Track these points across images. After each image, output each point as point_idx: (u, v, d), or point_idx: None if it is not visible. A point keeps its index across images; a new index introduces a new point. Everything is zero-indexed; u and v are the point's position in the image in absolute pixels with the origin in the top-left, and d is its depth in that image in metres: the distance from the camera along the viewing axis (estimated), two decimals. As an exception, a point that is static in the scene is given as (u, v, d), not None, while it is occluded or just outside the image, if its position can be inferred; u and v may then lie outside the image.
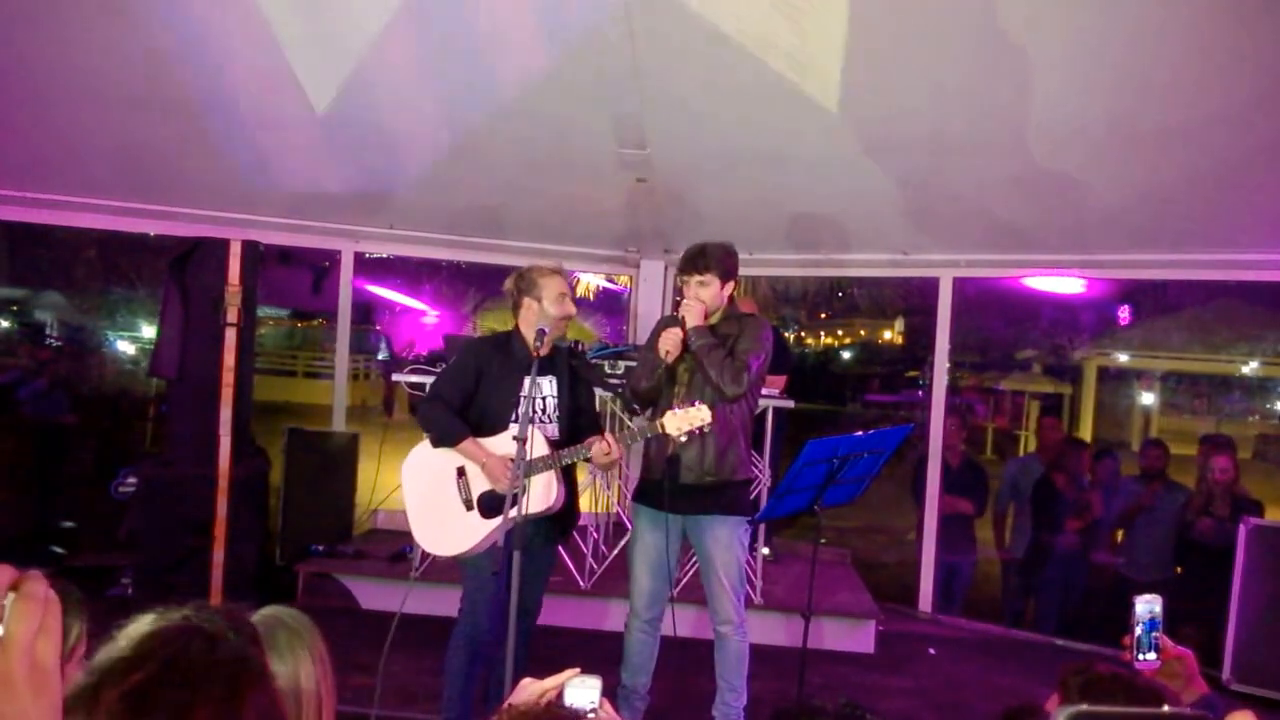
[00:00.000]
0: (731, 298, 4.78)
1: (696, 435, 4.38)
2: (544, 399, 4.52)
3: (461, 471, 4.46)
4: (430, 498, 4.50)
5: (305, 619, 1.93)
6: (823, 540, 4.51)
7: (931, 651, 6.68)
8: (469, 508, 4.44)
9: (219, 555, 6.00)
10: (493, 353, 4.59)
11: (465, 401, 4.53)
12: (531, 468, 4.22)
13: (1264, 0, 4.05)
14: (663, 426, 4.28)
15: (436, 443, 4.50)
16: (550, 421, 4.54)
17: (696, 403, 4.28)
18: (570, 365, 4.66)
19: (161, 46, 5.15)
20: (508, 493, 4.11)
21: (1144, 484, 7.45)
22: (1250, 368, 18.82)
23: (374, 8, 4.73)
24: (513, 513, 4.08)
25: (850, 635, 6.55)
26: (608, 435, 4.30)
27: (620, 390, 6.31)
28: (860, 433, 4.43)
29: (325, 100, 5.42)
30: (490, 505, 4.38)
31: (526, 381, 4.34)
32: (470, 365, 4.58)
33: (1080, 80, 4.80)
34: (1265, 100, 4.73)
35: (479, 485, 4.42)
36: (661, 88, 5.02)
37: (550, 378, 4.54)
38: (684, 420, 4.23)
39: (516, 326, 4.60)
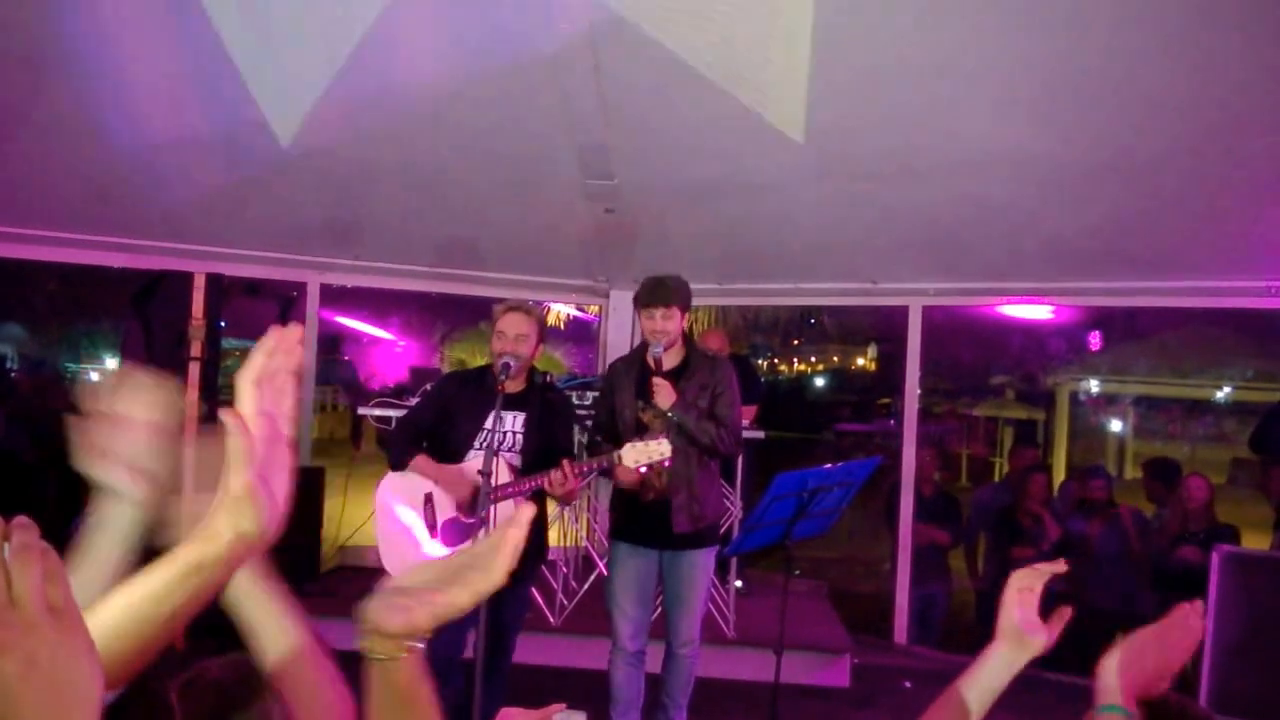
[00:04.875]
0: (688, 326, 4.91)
1: (681, 483, 4.61)
2: (508, 434, 4.47)
3: (429, 499, 4.47)
4: (398, 521, 4.52)
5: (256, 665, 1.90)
6: (796, 572, 4.47)
7: (907, 685, 6.60)
8: (433, 534, 4.45)
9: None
10: (462, 387, 4.68)
11: (427, 429, 4.59)
12: (495, 494, 4.24)
13: (1225, 32, 4.06)
14: (620, 459, 4.27)
15: (391, 465, 4.60)
16: (514, 453, 4.50)
17: (660, 437, 4.28)
18: (544, 399, 4.61)
19: (129, 80, 5.09)
20: (478, 513, 4.05)
21: (1087, 515, 7.45)
22: (1224, 392, 18.93)
23: (335, 40, 4.68)
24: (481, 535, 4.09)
25: (824, 669, 6.48)
26: (565, 465, 4.25)
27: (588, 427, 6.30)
28: (829, 465, 4.39)
29: (290, 134, 5.35)
30: (452, 532, 4.42)
31: (491, 416, 4.35)
32: (436, 396, 4.72)
33: (1043, 110, 4.80)
34: (1228, 129, 4.75)
35: (444, 513, 4.44)
36: (628, 118, 4.99)
37: (519, 413, 4.50)
38: (643, 453, 4.24)
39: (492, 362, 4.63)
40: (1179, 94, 4.52)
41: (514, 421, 4.50)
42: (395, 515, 4.52)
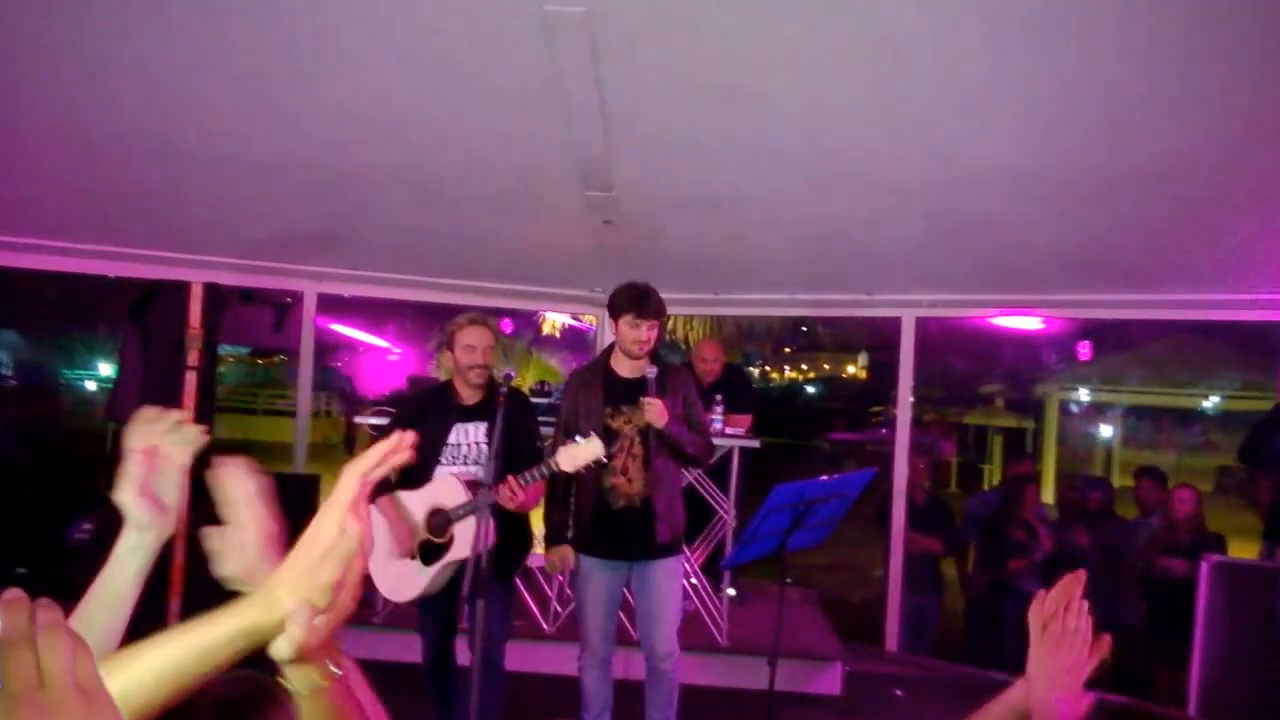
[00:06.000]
0: None
1: (662, 492, 4.73)
2: (472, 445, 4.65)
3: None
4: (384, 545, 4.62)
5: (269, 680, 1.93)
6: (789, 580, 4.51)
7: (898, 693, 6.64)
8: (412, 556, 4.59)
9: (175, 603, 5.91)
10: (425, 404, 4.87)
11: None
12: (453, 514, 4.46)
13: (1214, 46, 4.10)
14: (557, 465, 4.35)
15: None
16: (479, 467, 4.58)
17: (592, 434, 4.36)
18: (506, 408, 4.56)
19: (123, 90, 5.10)
20: (478, 553, 4.17)
21: (1086, 525, 7.51)
22: (1211, 402, 19.01)
23: (334, 54, 4.71)
24: (449, 558, 4.47)
25: (816, 677, 6.52)
26: (511, 480, 4.33)
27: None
28: (825, 477, 4.43)
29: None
30: (428, 553, 4.57)
31: (455, 430, 4.64)
32: (399, 421, 4.82)
33: (1037, 125, 4.84)
34: (1216, 144, 4.79)
35: (420, 535, 4.59)
36: (628, 131, 5.02)
37: (479, 424, 4.64)
38: (576, 455, 4.32)
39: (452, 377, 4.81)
40: (1171, 110, 4.56)
41: (476, 433, 4.65)
42: (382, 536, 4.62)
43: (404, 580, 4.63)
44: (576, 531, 4.90)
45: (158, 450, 1.50)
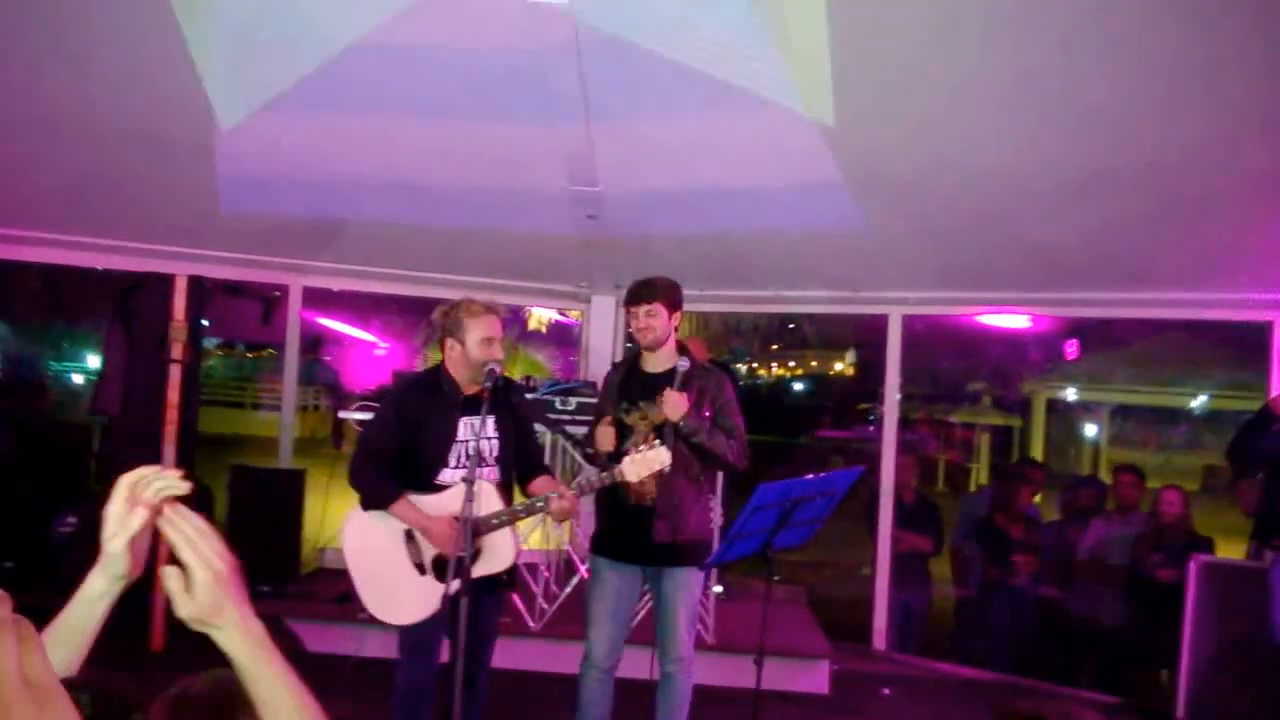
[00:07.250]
0: (677, 330, 4.71)
1: (661, 490, 4.43)
2: (483, 440, 4.20)
3: (410, 535, 4.16)
4: (378, 561, 4.17)
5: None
6: (775, 578, 4.43)
7: (886, 692, 6.63)
8: (422, 572, 4.15)
9: (160, 599, 5.87)
10: (420, 396, 4.30)
11: (397, 452, 4.21)
12: (486, 524, 4.03)
13: (1203, 49, 4.11)
14: (622, 474, 4.09)
15: (366, 506, 4.19)
16: (492, 465, 4.28)
17: (656, 443, 4.15)
18: (509, 402, 4.38)
19: (111, 81, 5.07)
20: (464, 552, 3.80)
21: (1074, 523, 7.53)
22: (1199, 401, 19.03)
23: (321, 46, 4.69)
24: (475, 573, 3.95)
25: (804, 676, 6.49)
26: (564, 490, 4.09)
27: (575, 438, 6.29)
28: (811, 476, 4.37)
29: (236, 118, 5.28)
30: (445, 569, 4.03)
31: (461, 424, 4.20)
32: (396, 415, 4.27)
33: (1025, 123, 4.84)
34: (1204, 145, 4.80)
35: (431, 549, 4.13)
36: (613, 126, 5.00)
37: (488, 417, 4.15)
38: (643, 465, 4.08)
39: (442, 364, 4.33)
40: (1161, 111, 4.57)
41: (485, 427, 4.19)
42: (374, 550, 4.18)
43: (412, 598, 4.10)
44: (594, 530, 4.76)
45: (150, 506, 1.48)
